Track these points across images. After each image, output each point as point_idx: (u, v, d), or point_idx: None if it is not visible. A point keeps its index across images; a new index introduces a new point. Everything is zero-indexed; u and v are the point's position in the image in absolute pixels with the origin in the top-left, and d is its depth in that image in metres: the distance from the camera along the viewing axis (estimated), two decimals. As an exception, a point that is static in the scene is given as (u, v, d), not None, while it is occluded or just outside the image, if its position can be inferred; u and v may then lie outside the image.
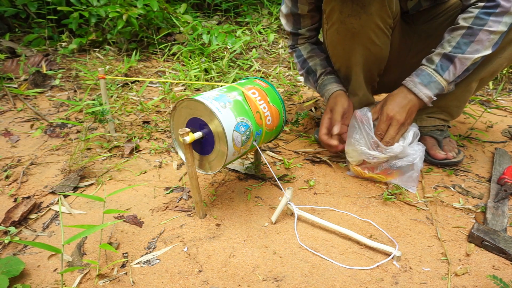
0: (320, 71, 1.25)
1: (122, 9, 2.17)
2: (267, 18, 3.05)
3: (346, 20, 1.05)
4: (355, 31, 1.06)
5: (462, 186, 1.09)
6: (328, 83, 1.22)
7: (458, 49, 0.96)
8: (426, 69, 1.01)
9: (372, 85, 1.27)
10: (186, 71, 1.92)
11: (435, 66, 1.00)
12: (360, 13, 1.02)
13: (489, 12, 0.93)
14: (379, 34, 1.08)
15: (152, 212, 0.98)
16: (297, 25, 1.23)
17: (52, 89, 1.86)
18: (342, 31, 1.09)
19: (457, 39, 0.97)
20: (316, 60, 1.26)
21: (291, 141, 1.37)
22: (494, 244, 0.83)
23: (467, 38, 0.96)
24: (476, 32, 0.94)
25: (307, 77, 1.30)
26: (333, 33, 1.12)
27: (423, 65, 1.03)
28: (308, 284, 0.75)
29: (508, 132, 1.43)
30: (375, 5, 1.01)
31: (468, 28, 0.95)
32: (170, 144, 1.33)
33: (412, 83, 1.02)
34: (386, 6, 1.02)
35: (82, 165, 1.18)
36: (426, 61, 1.02)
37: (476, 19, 0.94)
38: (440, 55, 0.99)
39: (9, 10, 2.28)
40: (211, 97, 0.84)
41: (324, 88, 1.23)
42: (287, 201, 0.91)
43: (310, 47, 1.27)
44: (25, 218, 0.96)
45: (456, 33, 0.97)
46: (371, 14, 1.02)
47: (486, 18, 0.93)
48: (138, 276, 0.78)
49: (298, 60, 1.30)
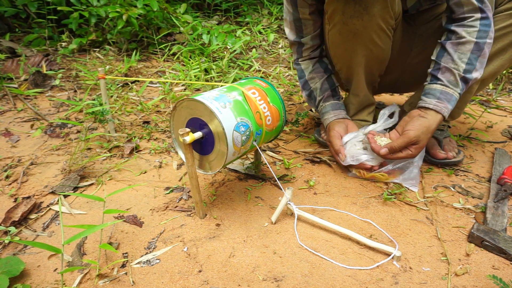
0: (319, 97, 1.25)
1: (122, 9, 2.17)
2: (267, 18, 3.05)
3: (348, 21, 1.05)
4: (357, 32, 1.06)
5: (462, 186, 1.09)
6: (325, 112, 1.22)
7: (471, 65, 0.97)
8: (453, 93, 0.99)
9: (373, 86, 1.27)
10: (186, 71, 1.92)
11: (460, 90, 1.00)
12: (362, 14, 1.02)
13: (487, 24, 0.96)
14: (381, 35, 1.08)
15: (152, 212, 0.98)
16: (300, 33, 1.22)
17: (52, 89, 1.86)
18: (344, 32, 1.08)
19: (467, 55, 0.97)
20: (317, 83, 1.25)
21: (291, 141, 1.37)
22: (494, 244, 0.83)
23: (476, 53, 0.97)
24: (482, 47, 0.96)
25: (309, 100, 1.31)
26: (335, 34, 1.12)
27: (448, 87, 0.99)
28: (308, 284, 0.75)
29: (508, 132, 1.43)
30: (378, 6, 1.01)
31: (476, 44, 0.96)
32: (170, 144, 1.33)
33: (444, 108, 0.99)
34: (389, 7, 1.02)
35: (82, 165, 1.18)
36: (449, 83, 1.00)
37: (480, 32, 0.96)
38: (459, 76, 0.98)
39: (9, 10, 2.28)
40: (211, 97, 0.84)
41: (322, 116, 1.24)
42: (287, 201, 0.91)
43: (312, 66, 1.26)
44: (25, 218, 0.96)
45: (465, 49, 0.97)
46: (373, 15, 1.02)
47: (487, 30, 0.96)
48: (138, 276, 0.78)
49: (300, 81, 1.30)
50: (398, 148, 1.00)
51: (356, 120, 1.27)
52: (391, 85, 1.33)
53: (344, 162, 1.10)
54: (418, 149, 1.00)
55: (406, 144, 0.99)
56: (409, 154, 1.00)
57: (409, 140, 0.98)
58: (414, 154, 1.00)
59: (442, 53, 1.01)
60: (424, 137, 0.99)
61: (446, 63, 1.00)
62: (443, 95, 1.00)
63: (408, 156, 1.00)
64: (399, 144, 0.99)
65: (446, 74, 1.00)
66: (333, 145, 1.14)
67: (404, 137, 0.99)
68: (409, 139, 0.98)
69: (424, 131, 0.98)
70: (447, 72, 1.00)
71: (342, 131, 1.16)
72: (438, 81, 1.01)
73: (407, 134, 0.99)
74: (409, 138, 0.98)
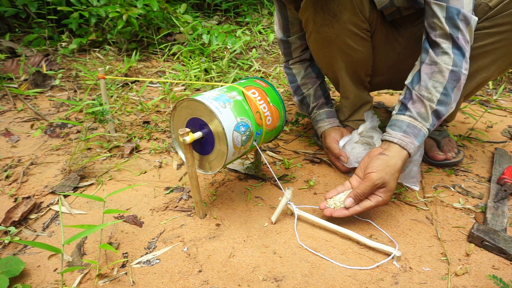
0: (313, 104, 1.24)
1: (122, 9, 2.17)
2: (267, 18, 3.05)
3: (320, 30, 1.04)
4: (331, 39, 1.05)
5: (462, 186, 1.09)
6: (320, 119, 1.22)
7: (446, 97, 0.89)
8: (421, 127, 0.91)
9: (364, 85, 1.25)
10: (186, 71, 1.92)
11: (430, 125, 0.91)
12: (332, 22, 1.01)
13: (460, 54, 0.89)
14: (356, 39, 1.06)
15: (152, 212, 0.98)
16: (287, 32, 1.21)
17: (52, 89, 1.86)
18: (319, 40, 1.08)
19: (443, 83, 0.89)
20: (310, 89, 1.24)
21: (291, 141, 1.37)
22: (494, 244, 0.83)
23: (452, 84, 0.89)
24: (458, 76, 0.89)
25: (301, 106, 1.29)
26: (312, 41, 1.12)
27: (416, 121, 0.91)
28: (308, 284, 0.75)
29: (508, 132, 1.43)
30: (346, 13, 0.99)
31: (452, 72, 0.88)
32: (170, 144, 1.33)
33: (410, 144, 0.90)
34: (358, 13, 1.00)
35: (82, 165, 1.18)
36: (418, 115, 0.91)
37: (455, 61, 0.88)
38: (430, 109, 0.90)
39: (9, 10, 2.28)
40: (211, 97, 0.84)
41: (316, 124, 1.23)
42: (287, 201, 0.91)
43: (305, 71, 1.25)
44: (25, 218, 0.96)
45: (441, 77, 0.89)
46: (343, 22, 1.00)
47: (461, 60, 0.89)
48: (138, 276, 0.78)
49: (291, 86, 1.28)
50: (362, 194, 0.87)
51: (353, 121, 1.27)
52: (387, 84, 1.32)
53: (347, 164, 1.10)
54: (387, 192, 0.87)
55: (371, 188, 0.86)
56: (380, 201, 0.87)
57: (372, 183, 0.86)
58: (386, 200, 0.87)
59: (417, 78, 0.93)
60: (390, 178, 0.86)
61: (418, 91, 0.91)
62: (410, 128, 0.90)
63: (380, 203, 0.87)
64: (363, 190, 0.87)
65: (417, 104, 0.91)
66: (332, 150, 1.13)
67: (366, 181, 0.87)
68: (372, 183, 0.86)
69: (388, 170, 0.86)
70: (418, 103, 0.91)
71: (338, 137, 1.16)
72: (407, 112, 0.92)
73: (369, 177, 0.87)
74: (371, 181, 0.86)
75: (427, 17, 0.92)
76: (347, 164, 1.10)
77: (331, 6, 0.98)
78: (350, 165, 1.10)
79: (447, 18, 0.87)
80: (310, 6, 1.01)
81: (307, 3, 1.01)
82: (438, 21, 0.88)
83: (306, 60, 1.26)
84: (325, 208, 0.91)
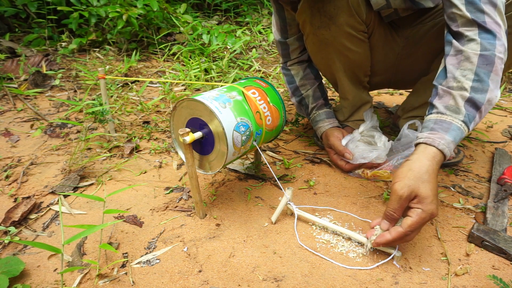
0: (312, 105, 1.24)
1: (122, 9, 2.17)
2: (267, 18, 3.05)
3: (317, 32, 1.04)
4: (328, 41, 1.06)
5: (462, 186, 1.09)
6: (320, 120, 1.22)
7: (480, 82, 0.78)
8: (452, 120, 0.80)
9: (363, 85, 1.24)
10: (186, 71, 1.92)
11: (464, 116, 0.80)
12: (329, 24, 1.01)
13: (490, 37, 0.80)
14: (353, 40, 1.06)
15: (152, 212, 0.98)
16: (285, 33, 1.21)
17: (52, 89, 1.86)
18: (317, 42, 1.08)
19: (473, 69, 0.79)
20: (309, 90, 1.24)
21: (291, 141, 1.37)
22: (494, 244, 0.83)
23: (484, 68, 0.78)
24: (491, 60, 0.78)
25: (299, 107, 1.29)
26: (309, 43, 1.12)
27: (444, 115, 0.81)
28: (308, 284, 0.75)
29: (508, 132, 1.43)
30: (343, 15, 0.99)
31: (481, 56, 0.79)
32: (170, 144, 1.33)
33: (438, 139, 0.78)
34: (355, 15, 1.00)
35: (82, 165, 1.18)
36: (446, 109, 0.81)
37: (483, 45, 0.79)
38: (462, 98, 0.79)
39: (9, 10, 2.28)
40: (211, 97, 0.84)
41: (316, 124, 1.23)
42: (287, 201, 0.91)
43: (303, 71, 1.25)
44: (25, 218, 0.96)
45: (469, 63, 0.80)
46: (340, 24, 1.01)
47: (493, 44, 0.79)
48: (138, 276, 0.78)
49: (289, 87, 1.28)
50: (392, 211, 0.76)
51: (353, 121, 1.27)
52: (386, 83, 1.32)
53: (353, 161, 1.09)
54: (423, 201, 0.73)
55: (398, 202, 0.75)
56: (421, 214, 0.73)
57: (397, 195, 0.75)
58: (427, 210, 0.73)
59: (442, 73, 0.85)
60: (417, 183, 0.74)
61: (446, 84, 0.82)
62: (437, 124, 0.80)
63: (423, 215, 0.73)
64: (391, 207, 0.76)
65: (444, 99, 0.82)
66: (336, 147, 1.13)
67: (391, 195, 0.77)
68: (396, 194, 0.75)
69: (412, 176, 0.74)
70: (445, 96, 0.82)
71: (340, 135, 1.16)
72: (434, 109, 0.83)
73: (392, 189, 0.76)
74: (395, 193, 0.75)
75: (445, 10, 0.85)
76: (352, 161, 1.10)
77: (327, 9, 0.99)
78: (355, 162, 1.10)
79: (467, 4, 0.81)
80: (307, 9, 1.01)
81: (304, 6, 1.01)
82: (457, 10, 0.82)
83: (304, 61, 1.26)
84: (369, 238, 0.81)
